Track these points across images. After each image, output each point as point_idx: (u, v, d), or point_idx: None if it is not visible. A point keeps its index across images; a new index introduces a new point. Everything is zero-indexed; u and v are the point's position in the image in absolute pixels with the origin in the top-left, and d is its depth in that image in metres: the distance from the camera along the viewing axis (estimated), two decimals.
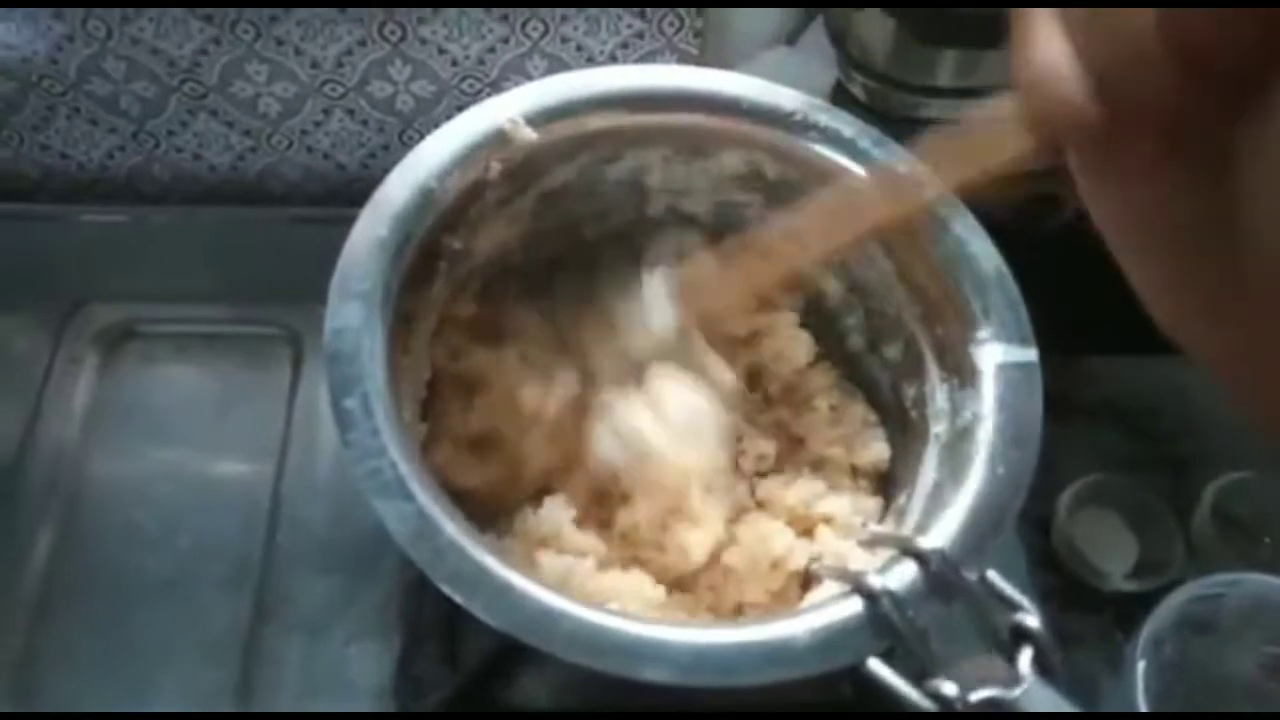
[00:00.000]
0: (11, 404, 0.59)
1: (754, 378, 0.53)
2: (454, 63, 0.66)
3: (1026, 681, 0.32)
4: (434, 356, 0.49)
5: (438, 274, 0.47)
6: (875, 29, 0.61)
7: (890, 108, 0.63)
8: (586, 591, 0.42)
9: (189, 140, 0.71)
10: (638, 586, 0.43)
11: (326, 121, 0.70)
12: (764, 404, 0.53)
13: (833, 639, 0.34)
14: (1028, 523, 0.61)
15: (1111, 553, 0.62)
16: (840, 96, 0.64)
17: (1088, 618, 0.60)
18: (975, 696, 0.32)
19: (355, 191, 0.45)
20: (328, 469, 0.58)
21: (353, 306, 0.41)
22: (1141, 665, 0.52)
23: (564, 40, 0.66)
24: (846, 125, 0.48)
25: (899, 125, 0.63)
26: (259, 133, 0.70)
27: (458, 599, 0.34)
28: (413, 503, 0.36)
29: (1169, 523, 0.61)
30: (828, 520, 0.47)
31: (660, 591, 0.43)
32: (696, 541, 0.45)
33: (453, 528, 0.36)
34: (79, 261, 0.66)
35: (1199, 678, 0.55)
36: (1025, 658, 0.32)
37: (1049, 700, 0.32)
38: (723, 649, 0.34)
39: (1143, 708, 0.51)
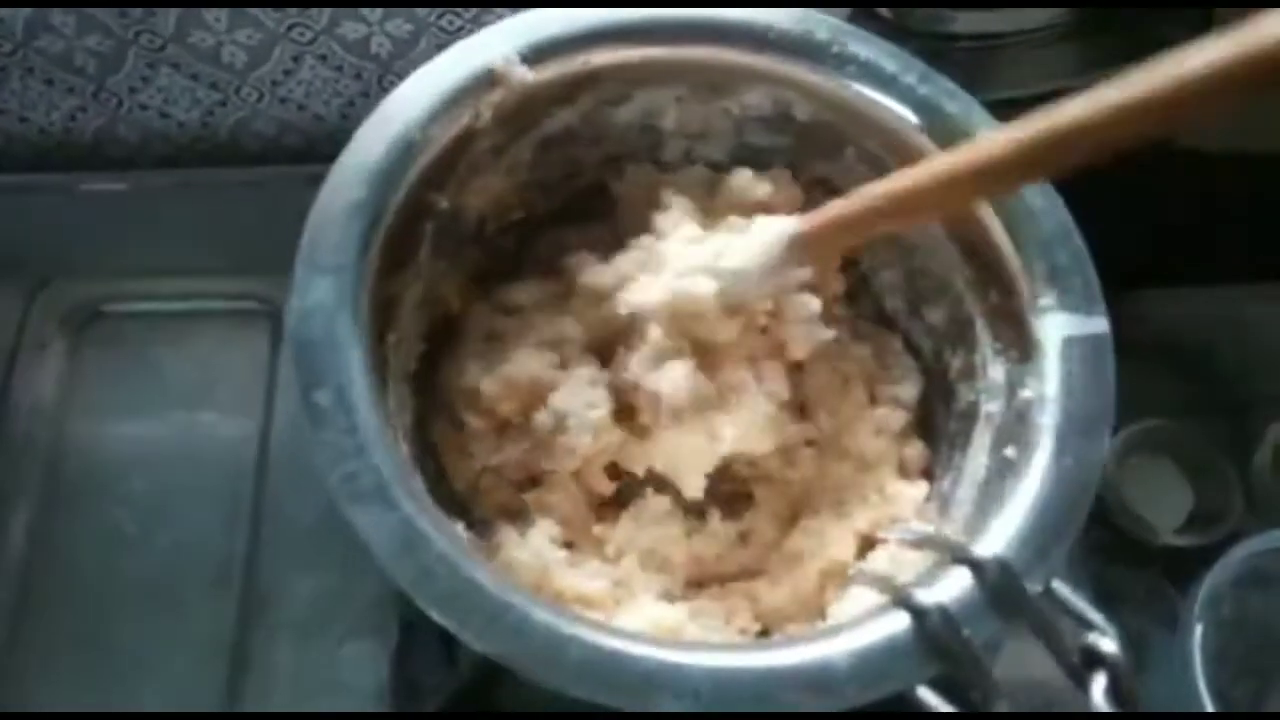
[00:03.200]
0: None
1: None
2: None
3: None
4: (424, 329, 0.44)
5: (424, 238, 0.42)
6: None
7: (916, 23, 0.58)
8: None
9: (153, 97, 0.66)
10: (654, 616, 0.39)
11: (297, 69, 0.65)
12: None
13: (875, 663, 0.30)
14: None
15: (1163, 504, 0.59)
16: (861, 13, 0.59)
17: (1137, 573, 0.58)
18: None
19: (335, 144, 0.40)
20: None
21: (323, 283, 0.36)
22: (1199, 626, 0.50)
23: None
24: (889, 58, 0.43)
25: (927, 41, 0.57)
26: (226, 85, 0.65)
27: (448, 625, 0.31)
28: (396, 512, 0.32)
29: (1226, 471, 0.58)
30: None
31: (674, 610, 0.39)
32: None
33: (444, 541, 0.32)
34: (40, 236, 0.63)
35: (1258, 636, 0.53)
36: (1099, 686, 0.28)
37: None
38: (750, 675, 0.30)
39: (1199, 668, 0.49)
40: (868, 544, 0.42)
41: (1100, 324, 0.38)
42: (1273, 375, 0.61)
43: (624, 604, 0.39)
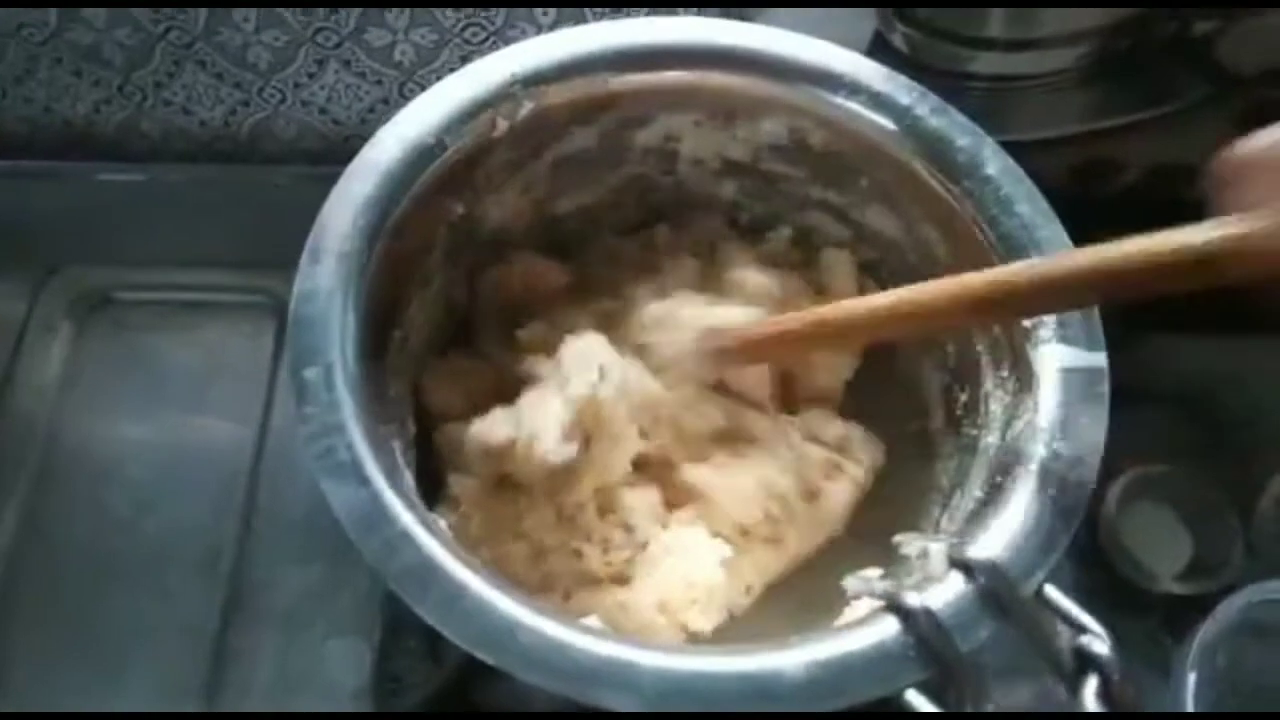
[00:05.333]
0: None
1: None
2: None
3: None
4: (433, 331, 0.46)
5: (437, 241, 0.43)
6: None
7: (934, 61, 0.58)
8: None
9: (177, 93, 0.67)
10: None
11: (321, 74, 0.66)
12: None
13: (830, 676, 0.30)
14: None
15: (1163, 551, 0.58)
16: (879, 48, 0.60)
17: (1134, 620, 0.56)
18: None
19: (353, 149, 0.41)
20: None
21: (326, 267, 0.38)
22: (1193, 676, 0.50)
23: None
24: (903, 91, 0.44)
25: (943, 79, 0.58)
26: (250, 85, 0.66)
27: (404, 598, 0.31)
28: (366, 488, 0.33)
29: (1228, 520, 0.57)
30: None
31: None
32: None
33: (409, 517, 0.33)
34: (56, 223, 0.64)
35: (1253, 689, 0.52)
36: (1090, 688, 0.28)
37: None
38: (699, 679, 0.30)
39: None
40: None
41: (1098, 358, 0.38)
42: (1274, 423, 0.60)
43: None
